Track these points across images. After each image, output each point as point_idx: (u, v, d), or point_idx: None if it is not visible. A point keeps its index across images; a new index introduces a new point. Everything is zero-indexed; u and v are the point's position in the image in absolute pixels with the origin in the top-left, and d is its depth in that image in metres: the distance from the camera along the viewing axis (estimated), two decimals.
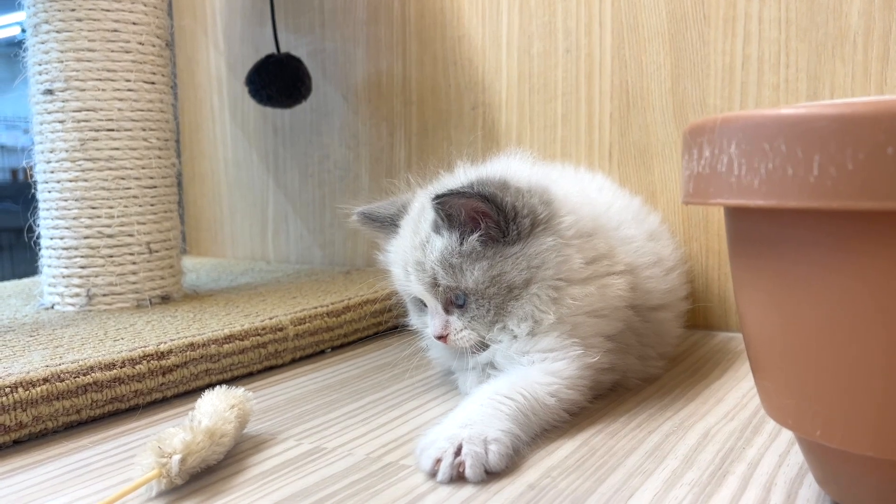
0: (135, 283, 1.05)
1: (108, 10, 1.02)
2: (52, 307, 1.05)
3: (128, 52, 1.04)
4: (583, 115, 1.14)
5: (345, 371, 0.91)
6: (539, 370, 0.68)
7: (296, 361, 0.95)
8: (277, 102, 1.30)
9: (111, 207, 1.03)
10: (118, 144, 1.03)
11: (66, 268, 1.04)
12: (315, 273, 1.33)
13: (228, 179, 1.61)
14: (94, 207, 1.03)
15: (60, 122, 1.02)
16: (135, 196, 1.05)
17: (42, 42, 1.03)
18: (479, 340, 0.73)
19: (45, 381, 0.68)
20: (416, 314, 0.80)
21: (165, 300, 1.08)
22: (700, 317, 1.07)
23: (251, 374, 0.89)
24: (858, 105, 0.38)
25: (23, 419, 0.66)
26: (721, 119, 0.44)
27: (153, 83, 1.07)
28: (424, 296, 0.74)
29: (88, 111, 1.02)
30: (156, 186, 1.07)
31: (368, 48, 1.36)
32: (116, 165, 1.03)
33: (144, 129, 1.05)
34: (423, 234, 0.73)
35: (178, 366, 0.79)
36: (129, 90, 1.04)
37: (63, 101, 1.02)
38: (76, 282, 1.03)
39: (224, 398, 0.65)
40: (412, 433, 0.68)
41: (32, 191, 1.07)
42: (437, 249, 0.71)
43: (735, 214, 0.50)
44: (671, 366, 0.87)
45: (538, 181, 0.74)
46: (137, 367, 0.75)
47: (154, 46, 1.07)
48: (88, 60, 1.02)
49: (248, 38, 1.51)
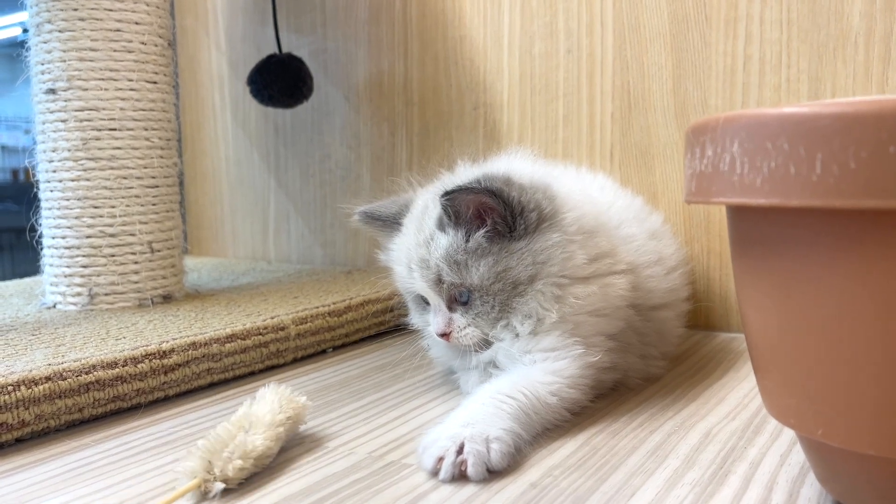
0: (137, 283, 1.05)
1: (111, 10, 1.02)
2: (55, 306, 1.05)
3: (130, 52, 1.04)
4: (584, 116, 1.14)
5: (346, 370, 0.91)
6: (541, 369, 0.68)
7: (297, 361, 0.96)
8: (279, 102, 1.30)
9: (113, 207, 1.03)
10: (120, 144, 1.04)
11: (69, 267, 1.04)
12: (316, 273, 1.33)
13: (230, 179, 1.61)
14: (97, 207, 1.03)
15: (63, 122, 1.02)
16: (137, 195, 1.05)
17: (44, 42, 1.03)
18: (482, 338, 0.73)
19: (48, 380, 0.68)
20: (418, 313, 0.81)
21: (167, 299, 1.08)
22: (702, 317, 1.08)
23: (253, 374, 0.89)
24: (861, 104, 0.38)
25: (25, 417, 0.66)
26: (724, 118, 0.44)
27: (155, 83, 1.07)
28: (428, 293, 0.74)
29: (91, 111, 1.02)
30: (158, 186, 1.07)
31: (370, 48, 1.36)
32: (118, 165, 1.04)
33: (146, 129, 1.06)
34: (428, 232, 0.73)
35: (180, 365, 0.79)
36: (132, 90, 1.04)
37: (65, 101, 1.02)
38: (78, 281, 1.04)
39: (284, 407, 0.63)
40: (414, 432, 0.68)
41: (34, 190, 1.08)
42: (442, 246, 0.71)
43: (737, 213, 0.50)
44: (673, 365, 0.87)
45: (540, 178, 0.74)
46: (139, 366, 0.76)
47: (156, 46, 1.07)
48: (91, 60, 1.02)
49: (250, 38, 1.52)
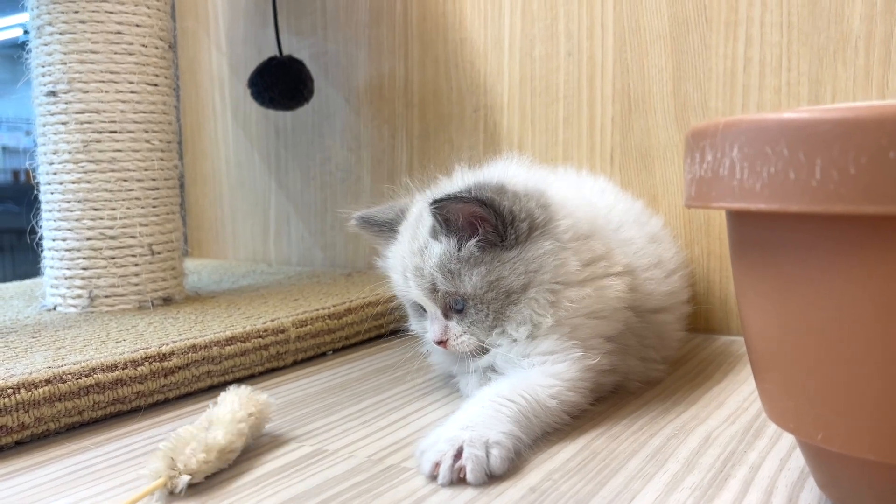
0: (137, 285, 1.05)
1: (112, 13, 1.02)
2: (55, 308, 1.05)
3: (131, 54, 1.04)
4: (584, 119, 1.14)
5: (346, 373, 0.91)
6: (540, 372, 0.68)
7: (297, 363, 0.96)
8: (280, 104, 1.30)
9: (113, 209, 1.03)
10: (121, 146, 1.04)
11: (69, 269, 1.04)
12: (316, 275, 1.33)
13: (230, 181, 1.61)
14: (97, 209, 1.03)
15: (63, 124, 1.02)
16: (137, 198, 1.05)
17: (45, 44, 1.03)
18: (479, 345, 0.73)
19: (48, 383, 0.68)
20: (416, 319, 0.80)
21: (167, 302, 1.08)
22: (701, 320, 1.07)
23: (253, 376, 0.89)
24: (861, 109, 0.38)
25: (25, 420, 0.66)
26: (724, 123, 0.44)
27: (156, 85, 1.07)
28: (423, 301, 0.74)
29: (91, 113, 1.02)
30: (158, 188, 1.07)
31: (370, 50, 1.36)
32: (119, 167, 1.04)
33: (147, 131, 1.06)
34: (422, 240, 0.73)
35: (180, 367, 0.79)
36: (132, 92, 1.04)
37: (66, 103, 1.02)
38: (78, 283, 1.04)
39: (245, 404, 0.64)
40: (413, 436, 0.68)
41: (35, 192, 1.08)
42: (436, 255, 0.71)
43: (737, 218, 0.50)
44: (673, 369, 0.87)
45: (535, 185, 0.74)
46: (139, 369, 0.76)
47: (157, 48, 1.07)
48: (91, 62, 1.02)
49: (251, 40, 1.52)
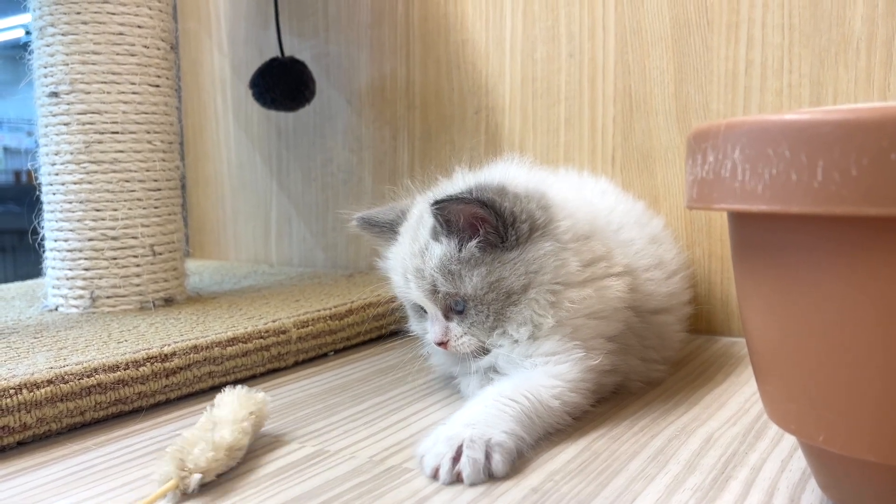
0: (138, 286, 1.05)
1: (114, 14, 1.03)
2: (56, 309, 1.06)
3: (133, 55, 1.04)
4: (586, 120, 1.14)
5: (347, 374, 0.91)
6: (542, 373, 0.68)
7: (299, 364, 0.96)
8: (281, 106, 1.30)
9: (115, 210, 1.04)
10: (122, 147, 1.04)
11: (70, 270, 1.04)
12: (318, 276, 1.33)
13: (232, 182, 1.61)
14: (99, 210, 1.03)
15: (65, 125, 1.03)
16: (139, 199, 1.05)
17: (47, 45, 1.03)
18: (480, 346, 0.73)
19: (49, 383, 0.68)
20: (417, 320, 0.81)
21: (169, 302, 1.08)
22: (703, 321, 1.07)
23: (254, 377, 0.89)
24: (863, 111, 0.38)
25: (27, 421, 0.66)
26: (725, 124, 0.45)
27: (158, 86, 1.07)
28: (424, 302, 0.75)
29: (93, 114, 1.02)
30: (160, 189, 1.07)
31: (372, 52, 1.37)
32: (121, 168, 1.04)
33: (149, 132, 1.06)
34: (422, 241, 0.73)
35: (182, 368, 0.79)
36: (134, 93, 1.04)
37: (68, 104, 1.02)
38: (80, 284, 1.04)
39: (244, 404, 0.64)
40: (415, 436, 0.68)
41: (37, 193, 1.08)
42: (436, 256, 0.71)
43: (738, 220, 0.50)
44: (674, 370, 0.87)
45: (535, 186, 0.74)
46: (141, 370, 0.76)
47: (159, 49, 1.07)
48: (93, 63, 1.02)
49: (252, 41, 1.52)
